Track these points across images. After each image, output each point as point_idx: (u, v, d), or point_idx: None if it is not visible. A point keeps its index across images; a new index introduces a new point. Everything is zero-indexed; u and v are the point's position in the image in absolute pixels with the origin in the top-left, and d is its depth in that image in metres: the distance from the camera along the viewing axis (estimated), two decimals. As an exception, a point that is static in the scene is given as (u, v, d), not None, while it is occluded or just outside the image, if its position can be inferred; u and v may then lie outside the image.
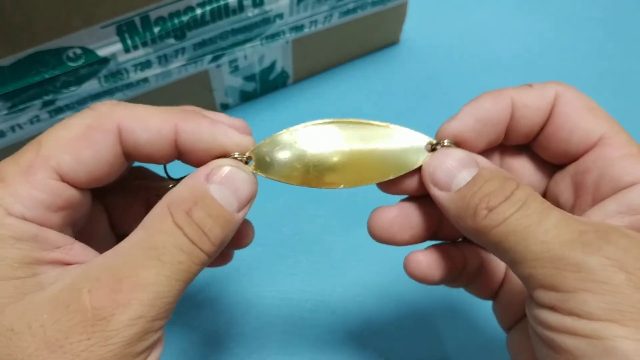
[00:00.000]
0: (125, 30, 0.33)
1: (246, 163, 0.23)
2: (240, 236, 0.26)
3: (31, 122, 0.35)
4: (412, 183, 0.24)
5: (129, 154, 0.22)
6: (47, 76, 0.32)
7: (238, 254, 0.29)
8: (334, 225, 0.39)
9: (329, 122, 0.24)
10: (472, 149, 0.23)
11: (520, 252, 0.19)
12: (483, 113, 0.23)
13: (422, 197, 0.25)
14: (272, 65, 0.43)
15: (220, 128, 0.22)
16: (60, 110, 0.35)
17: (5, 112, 0.33)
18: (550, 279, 0.19)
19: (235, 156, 0.22)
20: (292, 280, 0.37)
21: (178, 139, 0.21)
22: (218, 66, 0.40)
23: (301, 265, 0.38)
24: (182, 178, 0.22)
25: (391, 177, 0.24)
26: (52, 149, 0.20)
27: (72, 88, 0.34)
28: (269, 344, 0.35)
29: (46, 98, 0.34)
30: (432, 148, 0.24)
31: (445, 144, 0.23)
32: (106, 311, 0.18)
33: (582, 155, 0.23)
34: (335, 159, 0.23)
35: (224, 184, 0.21)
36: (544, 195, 0.25)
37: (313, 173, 0.23)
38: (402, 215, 0.25)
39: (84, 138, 0.20)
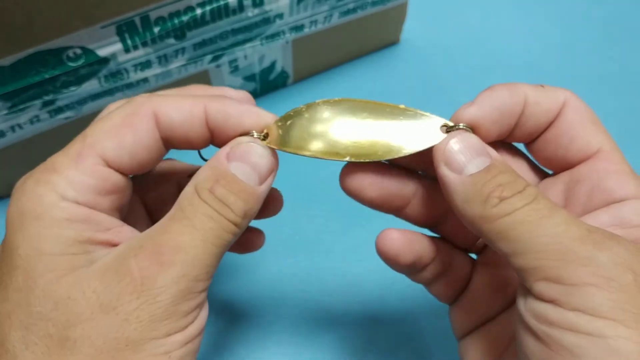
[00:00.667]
0: (125, 30, 0.33)
1: (264, 139, 0.24)
2: (270, 204, 0.28)
3: (31, 122, 0.35)
4: (419, 162, 0.24)
5: (166, 138, 0.23)
6: (47, 76, 0.32)
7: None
8: (334, 225, 0.39)
9: (343, 100, 0.24)
10: (485, 136, 0.23)
11: (526, 241, 0.19)
12: (501, 103, 0.23)
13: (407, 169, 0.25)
14: (272, 65, 0.43)
15: (244, 106, 0.24)
16: (60, 110, 0.35)
17: (5, 112, 0.33)
18: (556, 271, 0.18)
19: (254, 134, 0.23)
20: (292, 280, 0.37)
21: (208, 118, 0.23)
22: (218, 66, 0.40)
23: (301, 265, 0.38)
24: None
25: (402, 154, 0.23)
26: (97, 137, 0.22)
27: (72, 88, 0.34)
28: (269, 344, 0.35)
29: (46, 98, 0.34)
30: (447, 130, 0.23)
31: (461, 126, 0.23)
32: (151, 271, 0.20)
33: (577, 164, 0.23)
34: (347, 134, 0.24)
35: (243, 160, 0.22)
36: None
37: (323, 144, 0.24)
38: (377, 172, 0.24)
39: (124, 125, 0.22)
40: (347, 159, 0.23)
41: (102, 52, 0.33)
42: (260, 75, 0.43)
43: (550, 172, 0.26)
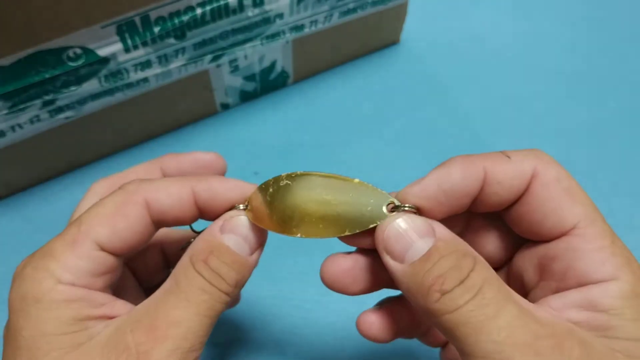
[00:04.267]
0: (125, 30, 0.33)
1: (246, 208, 0.25)
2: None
3: (31, 121, 0.35)
4: (369, 240, 0.24)
5: (157, 221, 0.24)
6: (47, 76, 0.32)
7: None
8: (334, 225, 0.39)
9: (303, 175, 0.25)
10: (431, 217, 0.22)
11: (470, 345, 0.19)
12: (449, 184, 0.22)
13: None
14: (272, 65, 0.43)
15: (229, 182, 0.25)
16: (60, 109, 0.35)
17: (5, 111, 0.33)
18: None
19: (240, 208, 0.25)
20: (292, 280, 0.37)
21: (197, 198, 0.24)
22: (218, 66, 0.40)
23: (301, 265, 0.38)
24: (202, 231, 0.25)
25: (346, 234, 0.24)
26: (91, 224, 0.23)
27: (72, 88, 0.34)
28: (269, 344, 0.35)
29: (46, 98, 0.34)
30: (392, 209, 0.23)
31: (406, 208, 0.22)
32: (147, 346, 0.21)
33: (553, 239, 0.22)
34: (295, 209, 0.25)
35: (235, 232, 0.24)
36: (509, 265, 0.25)
37: (276, 220, 0.25)
38: (357, 268, 0.25)
39: (117, 213, 0.23)
40: (298, 235, 0.24)
41: (102, 52, 0.33)
42: (260, 75, 0.43)
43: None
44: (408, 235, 0.21)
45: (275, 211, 0.25)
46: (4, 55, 0.30)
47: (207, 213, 0.25)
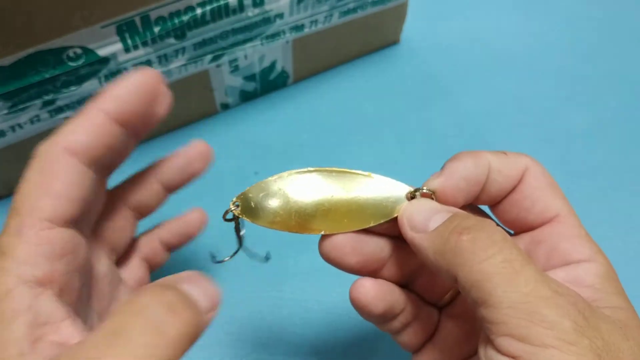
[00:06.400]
0: (125, 30, 0.33)
1: (236, 206, 0.24)
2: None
3: (31, 121, 0.35)
4: (388, 226, 0.25)
5: (89, 161, 0.22)
6: (47, 76, 0.32)
7: (239, 253, 0.29)
8: (334, 225, 0.39)
9: (313, 171, 0.25)
10: (453, 204, 0.24)
11: (498, 295, 0.20)
12: (467, 172, 0.24)
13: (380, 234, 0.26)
14: (272, 65, 0.43)
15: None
16: (60, 110, 0.35)
17: (5, 111, 0.33)
18: (522, 330, 0.19)
19: (231, 208, 0.24)
20: (292, 280, 0.37)
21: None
22: (218, 66, 0.40)
23: (301, 265, 0.38)
24: (220, 261, 0.24)
25: (371, 225, 0.24)
26: (26, 205, 0.21)
27: (73, 88, 0.34)
28: (268, 344, 0.35)
29: (46, 98, 0.34)
30: (411, 197, 0.24)
31: (424, 190, 0.24)
32: None
33: (537, 227, 0.25)
34: (317, 207, 0.24)
35: (193, 284, 0.21)
36: None
37: (295, 220, 0.24)
38: (356, 239, 0.25)
39: (45, 175, 0.21)
40: (322, 232, 0.24)
41: (103, 52, 0.33)
42: (260, 75, 0.43)
43: (511, 232, 0.27)
44: (429, 208, 0.23)
45: (288, 209, 0.24)
46: (4, 55, 0.30)
47: (134, 125, 0.23)
